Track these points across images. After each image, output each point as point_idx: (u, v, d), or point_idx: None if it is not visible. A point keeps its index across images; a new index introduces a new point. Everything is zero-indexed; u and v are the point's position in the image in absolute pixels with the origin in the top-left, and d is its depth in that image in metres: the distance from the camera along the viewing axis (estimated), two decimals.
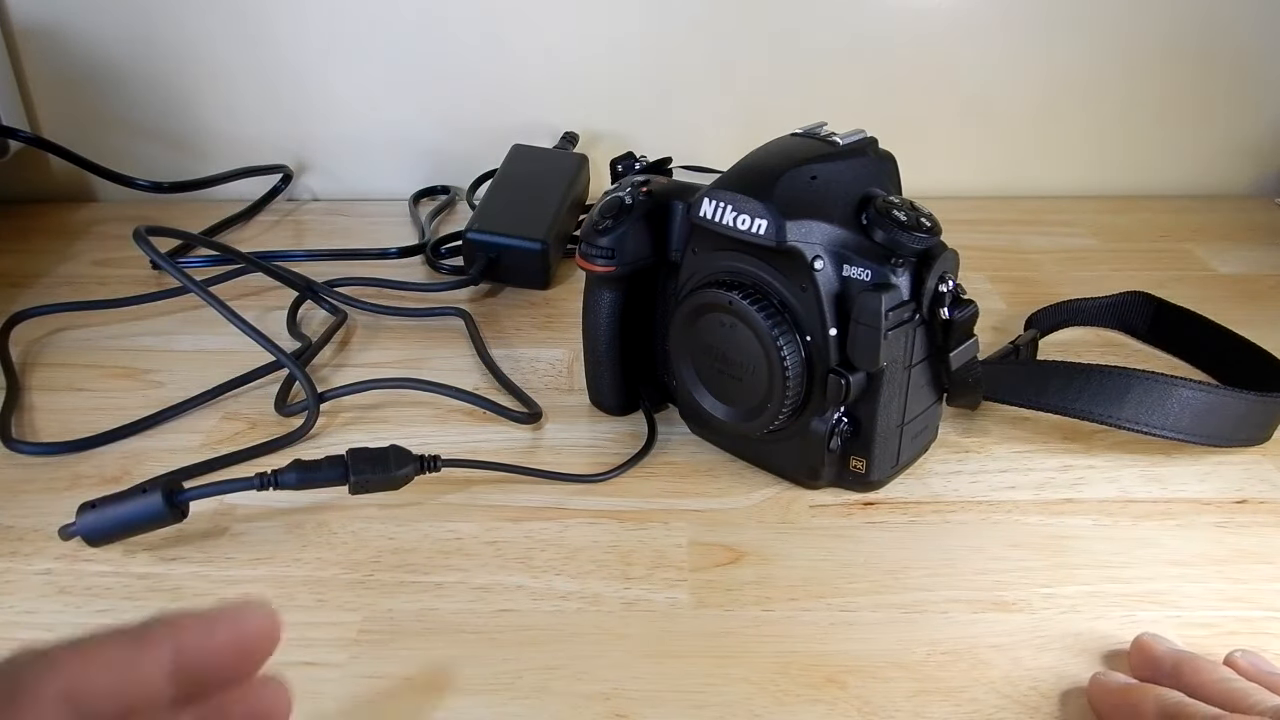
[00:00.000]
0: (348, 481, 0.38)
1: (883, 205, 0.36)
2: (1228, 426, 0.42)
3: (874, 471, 0.39)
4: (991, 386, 0.43)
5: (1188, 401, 0.41)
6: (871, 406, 0.37)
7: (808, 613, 0.35)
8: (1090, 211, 0.70)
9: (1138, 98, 0.72)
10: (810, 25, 0.69)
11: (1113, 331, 0.54)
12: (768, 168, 0.37)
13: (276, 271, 0.56)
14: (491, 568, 0.37)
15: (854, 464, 0.39)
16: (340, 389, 0.47)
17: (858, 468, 0.39)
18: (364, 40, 0.69)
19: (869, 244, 0.35)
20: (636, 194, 0.41)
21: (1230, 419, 0.42)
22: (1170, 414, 0.41)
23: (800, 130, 0.39)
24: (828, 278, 0.36)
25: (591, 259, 0.41)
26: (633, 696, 0.31)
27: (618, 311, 0.42)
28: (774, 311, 0.36)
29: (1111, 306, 0.53)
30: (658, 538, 0.38)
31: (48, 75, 0.70)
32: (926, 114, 0.72)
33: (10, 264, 0.62)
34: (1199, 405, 0.41)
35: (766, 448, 0.41)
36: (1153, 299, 0.52)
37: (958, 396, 0.41)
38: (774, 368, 0.36)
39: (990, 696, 0.31)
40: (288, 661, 0.33)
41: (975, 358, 0.39)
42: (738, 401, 0.39)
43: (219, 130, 0.72)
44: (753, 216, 0.35)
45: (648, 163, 0.46)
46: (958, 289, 0.36)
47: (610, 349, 0.43)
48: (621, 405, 0.45)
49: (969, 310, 0.37)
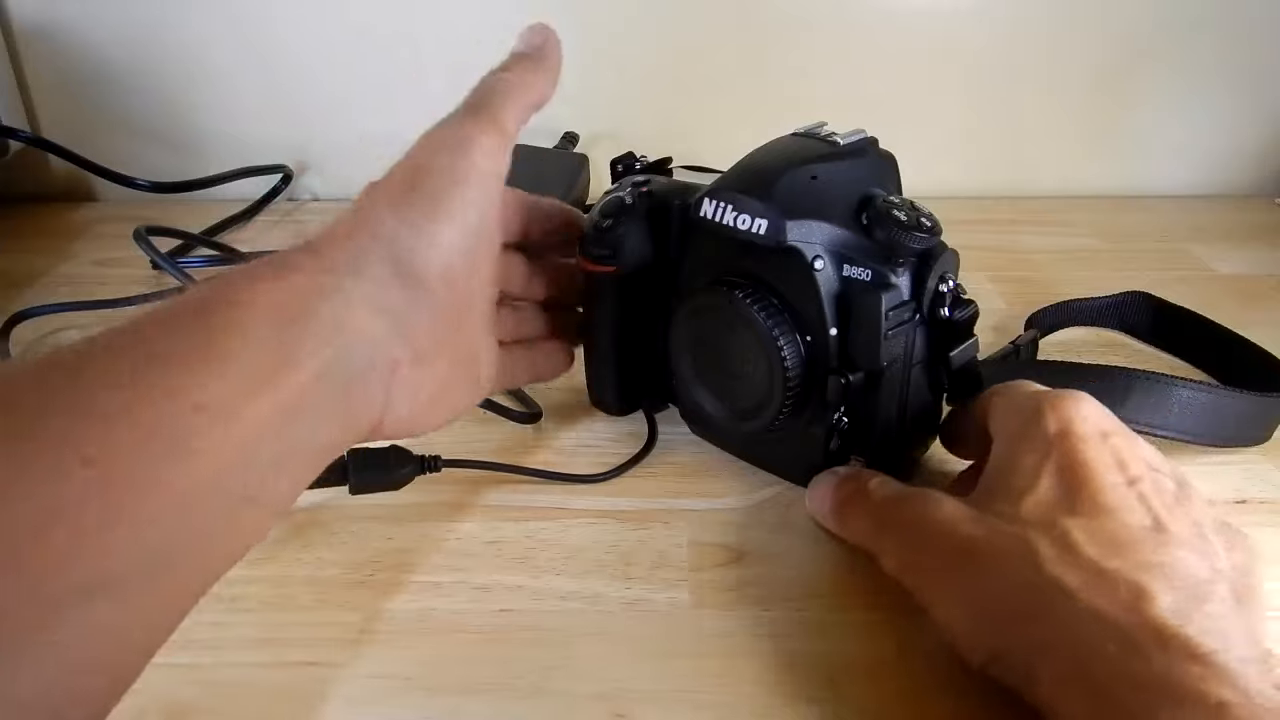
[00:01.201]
0: (348, 482, 0.38)
1: (883, 205, 0.36)
2: (1229, 426, 0.42)
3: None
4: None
5: (1189, 402, 0.41)
6: (872, 406, 0.37)
7: (808, 613, 0.35)
8: (1090, 211, 0.70)
9: (1138, 97, 0.72)
10: (810, 25, 0.69)
11: (1113, 332, 0.54)
12: (768, 168, 0.37)
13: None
14: (491, 568, 0.37)
15: (854, 463, 0.39)
16: None
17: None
18: (364, 40, 0.69)
19: (869, 244, 0.35)
20: (636, 194, 0.41)
21: (1231, 419, 0.42)
22: (1172, 414, 0.41)
23: (801, 130, 0.39)
24: (828, 277, 0.36)
25: (592, 259, 0.41)
26: (633, 696, 0.31)
27: (618, 311, 0.42)
28: (774, 311, 0.36)
29: (1112, 307, 0.53)
30: (658, 538, 0.38)
31: (48, 75, 0.70)
32: (926, 114, 0.72)
33: (10, 264, 0.62)
34: (1200, 405, 0.41)
35: (766, 447, 0.41)
36: (1153, 299, 0.52)
37: (957, 396, 0.41)
38: (774, 367, 0.36)
39: (990, 697, 0.31)
40: (288, 661, 0.33)
41: (975, 357, 0.39)
42: (737, 401, 0.39)
43: (219, 130, 0.72)
44: (753, 216, 0.35)
45: (648, 163, 0.46)
46: (958, 289, 0.37)
47: (611, 349, 0.43)
48: (622, 405, 0.45)
49: (969, 310, 0.37)
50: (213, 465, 0.23)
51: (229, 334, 0.24)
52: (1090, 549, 0.28)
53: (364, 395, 0.28)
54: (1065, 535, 0.28)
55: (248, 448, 0.24)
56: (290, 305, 0.26)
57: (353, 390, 0.28)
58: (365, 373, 0.28)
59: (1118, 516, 0.29)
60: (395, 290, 0.29)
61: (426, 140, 0.33)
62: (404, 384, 0.30)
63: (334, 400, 0.27)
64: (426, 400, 0.31)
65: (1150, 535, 0.29)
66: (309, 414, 0.26)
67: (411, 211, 0.30)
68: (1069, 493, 0.30)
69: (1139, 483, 0.30)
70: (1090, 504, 0.29)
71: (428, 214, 0.31)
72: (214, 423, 0.23)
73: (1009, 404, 0.34)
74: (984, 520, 0.31)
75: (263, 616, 0.34)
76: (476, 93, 0.34)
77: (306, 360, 0.26)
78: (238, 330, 0.24)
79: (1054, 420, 0.32)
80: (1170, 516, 0.29)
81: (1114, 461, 0.31)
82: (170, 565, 0.22)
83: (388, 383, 0.29)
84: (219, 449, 0.23)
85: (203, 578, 0.24)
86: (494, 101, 0.34)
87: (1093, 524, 0.29)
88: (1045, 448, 0.31)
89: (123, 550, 0.21)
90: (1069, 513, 0.29)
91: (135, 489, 0.21)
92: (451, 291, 0.31)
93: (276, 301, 0.26)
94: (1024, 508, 0.30)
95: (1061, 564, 0.28)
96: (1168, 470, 0.32)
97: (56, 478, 0.19)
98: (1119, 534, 0.28)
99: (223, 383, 0.23)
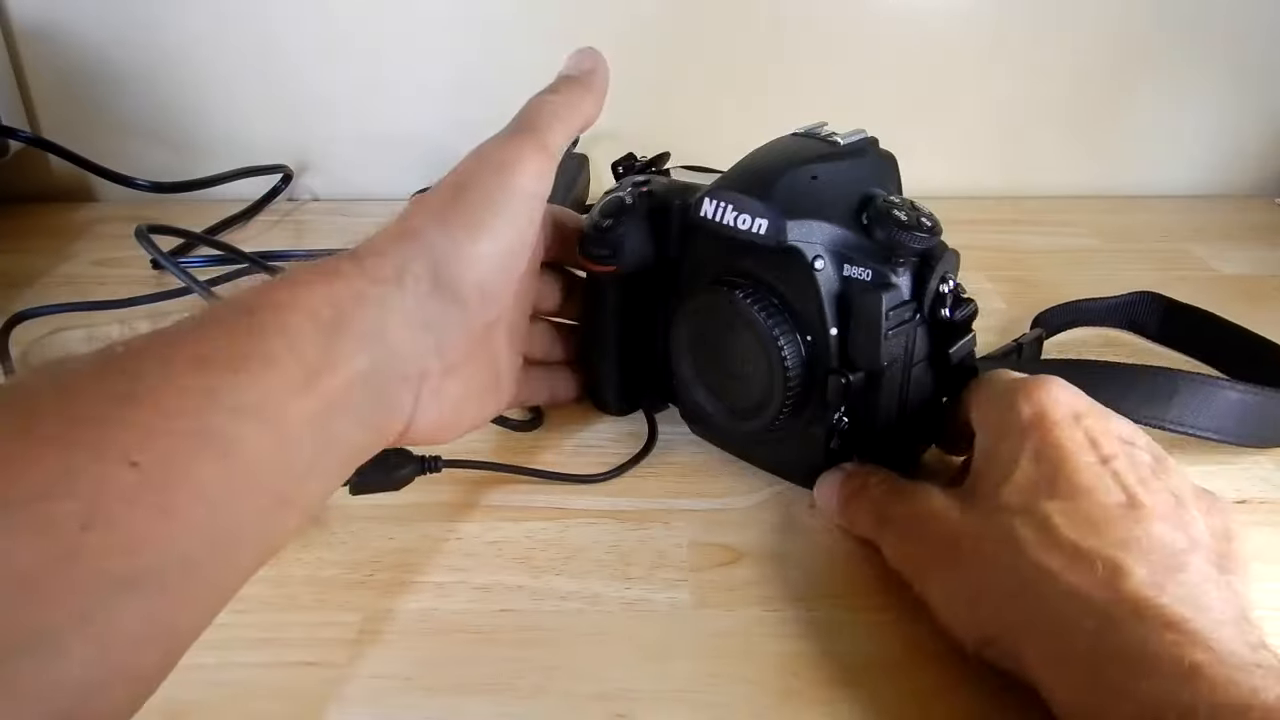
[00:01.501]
0: (348, 482, 0.38)
1: (883, 205, 0.36)
2: (1268, 428, 0.42)
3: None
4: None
5: (1235, 403, 0.41)
6: (872, 406, 0.37)
7: (808, 613, 0.35)
8: (1090, 211, 0.70)
9: (1137, 97, 0.72)
10: (811, 25, 0.69)
11: (1120, 331, 0.54)
12: (769, 167, 0.37)
13: (277, 270, 0.56)
14: (491, 568, 0.37)
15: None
16: None
17: None
18: (364, 40, 0.69)
19: (870, 244, 0.35)
20: (637, 194, 0.41)
21: (1272, 420, 0.42)
22: (1217, 415, 0.41)
23: (801, 130, 0.39)
24: (828, 277, 0.36)
25: (593, 259, 0.41)
26: (633, 696, 0.31)
27: (618, 311, 0.42)
28: (774, 311, 0.36)
29: (1120, 307, 0.53)
30: (658, 538, 0.38)
31: (48, 75, 0.70)
32: (927, 114, 0.72)
33: (10, 264, 0.62)
34: (1244, 407, 0.41)
35: (767, 448, 0.41)
36: (1161, 298, 0.52)
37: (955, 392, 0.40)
38: (774, 367, 0.36)
39: (991, 697, 0.31)
40: (288, 661, 0.33)
41: (972, 352, 0.39)
42: (737, 401, 0.39)
43: (219, 130, 0.72)
44: (753, 216, 0.35)
45: (646, 161, 0.46)
46: (958, 289, 0.37)
47: (611, 349, 0.43)
48: (622, 405, 0.45)
49: (969, 309, 0.37)
50: (250, 467, 0.23)
51: (272, 337, 0.25)
52: (1069, 531, 0.29)
53: (395, 402, 0.29)
54: (1046, 519, 0.29)
55: (284, 450, 0.24)
56: (333, 311, 0.27)
57: (386, 397, 0.29)
58: (399, 381, 0.29)
59: (1093, 496, 0.30)
60: (434, 303, 0.30)
61: (475, 157, 0.33)
62: (432, 393, 0.31)
63: (368, 406, 0.28)
64: (450, 410, 0.32)
65: (1125, 512, 0.29)
66: (344, 419, 0.27)
67: (455, 228, 0.31)
68: (1046, 476, 0.31)
69: (1112, 460, 0.31)
70: (1067, 485, 0.30)
71: (471, 231, 0.31)
72: (253, 425, 0.24)
73: (987, 396, 0.36)
74: (970, 510, 0.32)
75: (263, 617, 0.34)
76: (525, 113, 0.35)
77: (345, 366, 0.26)
78: (280, 333, 0.25)
79: (1027, 406, 0.33)
80: (1145, 490, 0.30)
81: (1087, 441, 0.31)
82: (207, 562, 0.23)
83: (417, 391, 0.30)
84: (256, 451, 0.24)
85: (238, 574, 0.25)
86: (541, 123, 0.35)
87: (1069, 505, 0.30)
88: (1021, 434, 0.32)
89: (162, 546, 0.21)
90: (1047, 496, 0.30)
91: (175, 489, 0.22)
92: (485, 307, 0.32)
93: (319, 306, 0.27)
94: (1004, 494, 0.31)
95: (1042, 547, 0.29)
96: (1143, 443, 0.33)
97: (104, 478, 0.21)
98: (1094, 513, 0.29)
99: (264, 386, 0.24)
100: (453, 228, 0.31)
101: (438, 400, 0.31)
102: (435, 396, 0.31)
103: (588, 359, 0.45)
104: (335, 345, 0.26)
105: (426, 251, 0.31)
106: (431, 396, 0.31)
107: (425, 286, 0.30)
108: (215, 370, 0.24)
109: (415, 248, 0.31)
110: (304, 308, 0.26)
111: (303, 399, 0.25)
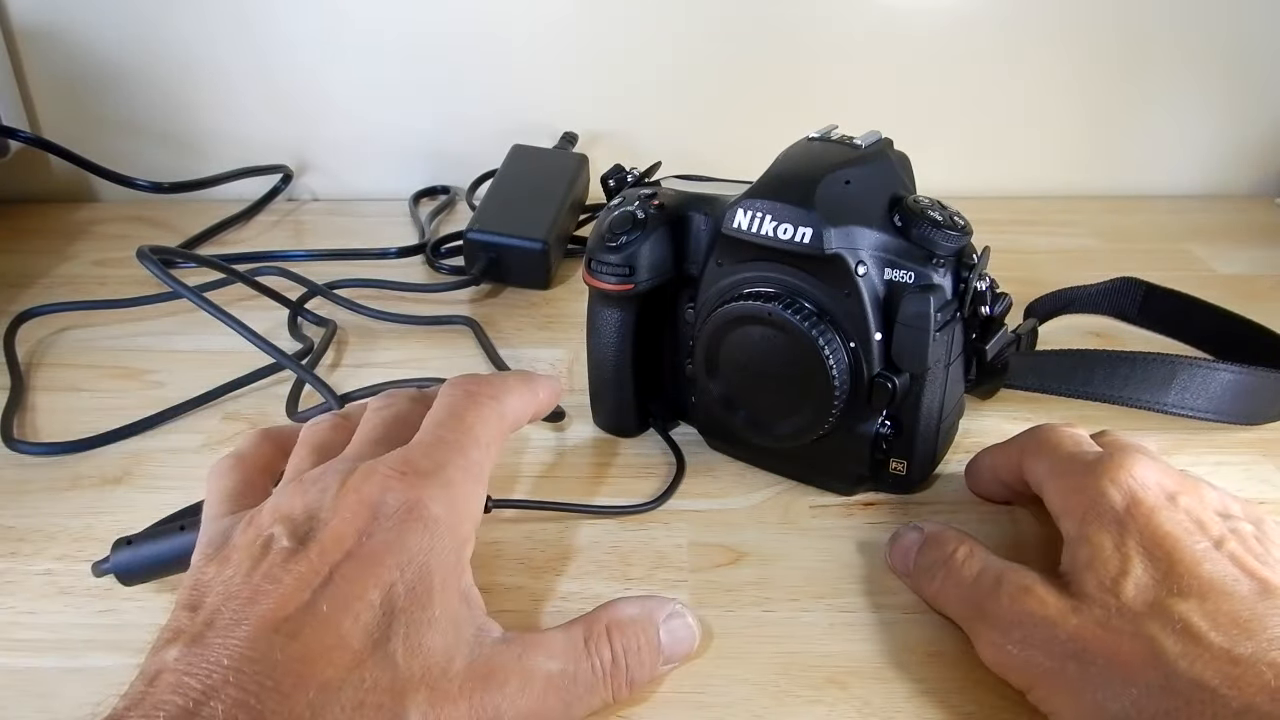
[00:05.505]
0: None
1: (914, 205, 0.35)
2: (1263, 405, 0.44)
3: (915, 472, 0.39)
4: (1040, 377, 0.45)
5: (1228, 384, 0.43)
6: (914, 407, 0.37)
7: (808, 613, 0.35)
8: (1090, 211, 0.70)
9: (1137, 97, 0.72)
10: (811, 26, 0.69)
11: (1105, 317, 0.54)
12: (804, 175, 0.36)
13: (266, 289, 0.55)
14: (491, 568, 0.37)
15: (894, 466, 0.39)
16: (362, 391, 0.47)
17: (898, 469, 0.39)
18: (364, 40, 0.69)
19: (908, 245, 0.35)
20: (647, 207, 0.40)
21: (1265, 398, 0.44)
22: (1213, 397, 0.43)
23: (816, 135, 0.38)
24: (871, 282, 0.35)
25: (605, 277, 0.40)
26: (633, 696, 0.31)
27: (630, 330, 0.41)
28: (816, 319, 0.35)
29: (1104, 293, 0.54)
30: (658, 538, 0.38)
31: (48, 75, 0.70)
32: (927, 114, 0.72)
33: (10, 264, 0.62)
34: (1237, 386, 0.43)
35: (805, 460, 0.40)
36: (1142, 283, 0.53)
37: (979, 386, 0.40)
38: (818, 376, 0.35)
39: (991, 697, 0.31)
40: None
41: (1005, 348, 0.39)
42: (777, 414, 0.38)
43: (219, 130, 0.72)
44: (796, 225, 0.35)
45: (638, 173, 0.45)
46: (994, 283, 0.37)
47: (621, 369, 0.42)
48: (631, 427, 0.44)
49: (1005, 302, 0.37)
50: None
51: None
52: (1216, 636, 0.26)
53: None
54: (1186, 625, 0.27)
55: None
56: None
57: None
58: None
59: (1223, 589, 0.28)
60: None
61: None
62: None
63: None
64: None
65: (1261, 601, 0.27)
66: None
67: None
68: (1163, 572, 0.29)
69: (1225, 543, 0.29)
70: (1192, 581, 0.28)
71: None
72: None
73: (1056, 471, 0.33)
74: (1086, 611, 0.29)
75: None
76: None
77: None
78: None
79: (1116, 493, 0.31)
80: (1265, 569, 0.28)
81: (1193, 524, 0.30)
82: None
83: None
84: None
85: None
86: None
87: (1205, 605, 0.27)
88: (1119, 525, 0.30)
89: None
90: (1175, 594, 0.28)
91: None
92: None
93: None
94: (1124, 595, 0.28)
95: (1191, 659, 0.26)
96: (1238, 510, 0.31)
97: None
98: (1236, 611, 0.27)
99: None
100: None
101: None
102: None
103: (598, 384, 0.43)
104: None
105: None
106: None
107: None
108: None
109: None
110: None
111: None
